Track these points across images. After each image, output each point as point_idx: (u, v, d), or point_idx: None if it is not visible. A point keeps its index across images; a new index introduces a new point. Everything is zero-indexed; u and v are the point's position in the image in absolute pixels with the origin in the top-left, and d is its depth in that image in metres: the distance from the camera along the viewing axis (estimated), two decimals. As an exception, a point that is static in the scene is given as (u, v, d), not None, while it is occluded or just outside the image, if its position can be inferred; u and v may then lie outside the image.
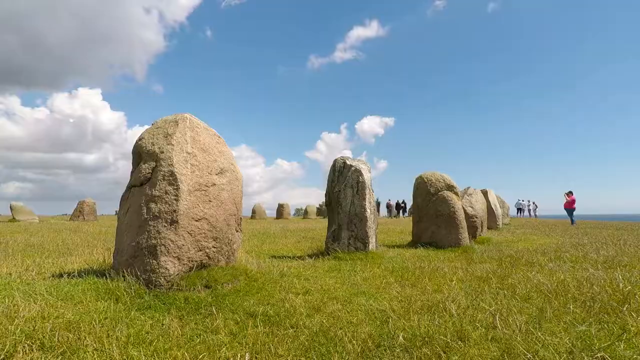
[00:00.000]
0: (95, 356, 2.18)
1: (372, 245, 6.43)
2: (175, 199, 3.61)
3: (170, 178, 3.66)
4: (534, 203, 32.52)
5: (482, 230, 10.42)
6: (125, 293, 3.21)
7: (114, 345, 2.29)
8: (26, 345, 2.19)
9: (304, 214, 33.87)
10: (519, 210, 32.12)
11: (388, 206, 34.18)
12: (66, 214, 32.46)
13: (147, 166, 3.81)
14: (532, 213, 32.13)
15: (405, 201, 33.36)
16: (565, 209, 19.06)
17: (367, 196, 6.48)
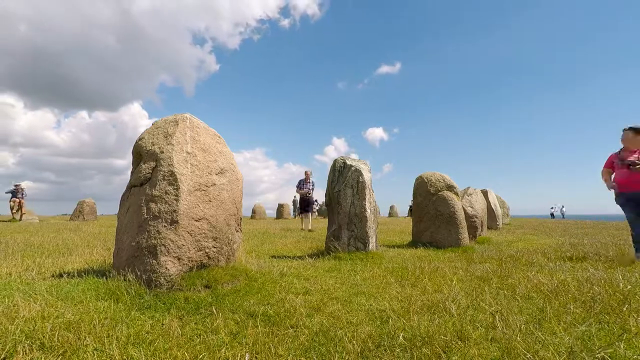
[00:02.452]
0: (95, 356, 2.18)
1: (372, 245, 6.43)
2: (175, 199, 3.61)
3: (170, 178, 3.66)
4: (563, 207, 36.86)
5: (482, 230, 10.42)
6: (125, 293, 3.20)
7: (114, 345, 2.29)
8: (26, 345, 2.19)
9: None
10: (552, 215, 36.04)
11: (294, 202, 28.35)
12: (66, 214, 32.45)
13: (147, 166, 3.80)
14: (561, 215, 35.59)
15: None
16: None
17: (367, 196, 6.48)
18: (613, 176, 5.85)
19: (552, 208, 38.69)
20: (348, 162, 6.66)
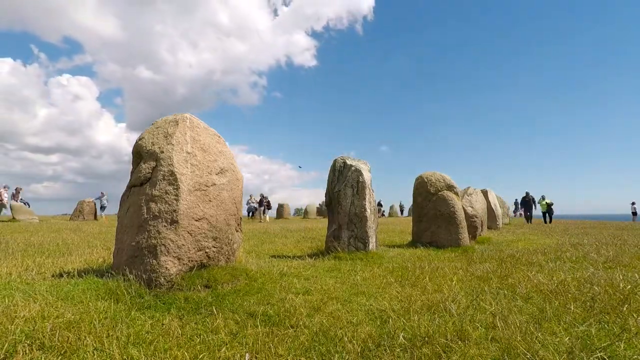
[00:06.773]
0: (95, 356, 2.18)
1: (372, 245, 6.43)
2: (175, 199, 3.61)
3: (170, 178, 3.66)
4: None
5: (482, 230, 10.42)
6: (125, 293, 3.20)
7: (114, 345, 2.29)
8: (26, 345, 2.19)
9: (304, 213, 33.81)
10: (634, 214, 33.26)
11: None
12: (66, 214, 32.42)
13: (147, 166, 3.80)
14: None
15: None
16: None
17: (367, 196, 6.47)
18: None
19: (633, 204, 29.68)
20: (348, 162, 6.65)
